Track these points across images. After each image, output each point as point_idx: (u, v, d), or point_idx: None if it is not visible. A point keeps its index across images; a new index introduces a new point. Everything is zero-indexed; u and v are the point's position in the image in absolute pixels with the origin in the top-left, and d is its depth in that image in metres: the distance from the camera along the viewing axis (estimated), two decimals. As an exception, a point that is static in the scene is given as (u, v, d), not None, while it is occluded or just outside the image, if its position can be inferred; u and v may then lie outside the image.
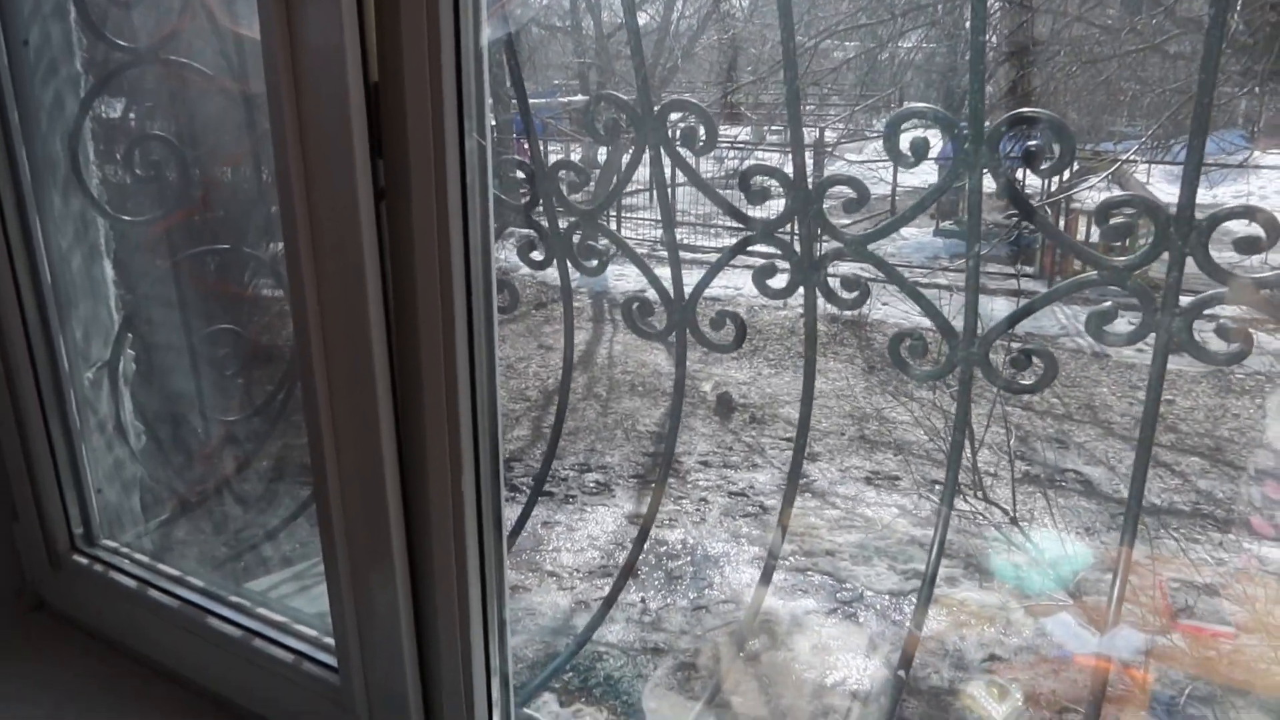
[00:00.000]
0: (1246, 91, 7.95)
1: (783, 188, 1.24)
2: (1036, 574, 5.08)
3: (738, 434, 7.71)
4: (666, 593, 5.47)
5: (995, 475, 6.37)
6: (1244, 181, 9.95)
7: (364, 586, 1.05)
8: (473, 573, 1.01)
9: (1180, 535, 5.47)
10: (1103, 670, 1.43)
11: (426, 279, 0.92)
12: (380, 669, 1.08)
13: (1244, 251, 0.99)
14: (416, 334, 0.94)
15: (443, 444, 0.96)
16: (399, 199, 0.92)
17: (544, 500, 6.60)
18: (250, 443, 1.74)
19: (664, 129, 1.25)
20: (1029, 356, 1.18)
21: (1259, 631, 4.12)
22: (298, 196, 0.93)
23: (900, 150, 1.13)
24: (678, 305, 1.40)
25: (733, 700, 4.19)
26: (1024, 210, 1.16)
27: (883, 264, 1.24)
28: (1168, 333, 1.05)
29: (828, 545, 5.93)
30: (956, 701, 4.11)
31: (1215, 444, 6.92)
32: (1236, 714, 3.73)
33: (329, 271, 0.95)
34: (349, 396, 0.98)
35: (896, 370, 8.64)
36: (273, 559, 1.60)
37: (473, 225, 0.93)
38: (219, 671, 1.29)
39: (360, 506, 1.02)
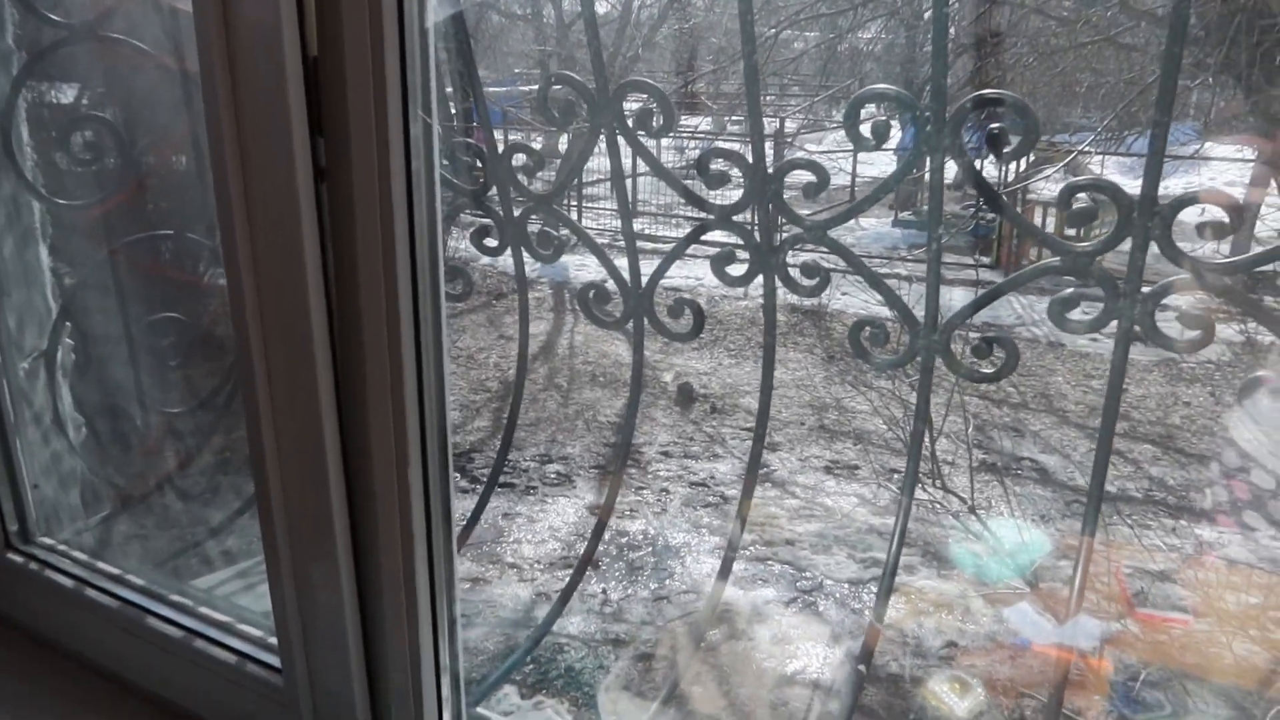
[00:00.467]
0: (1199, 84, 8.08)
1: (741, 173, 1.21)
2: (994, 562, 5.14)
3: (699, 424, 7.71)
4: (628, 584, 5.46)
5: (953, 464, 6.43)
6: (1195, 173, 10.12)
7: (307, 583, 1.01)
8: (421, 568, 0.97)
9: (1133, 521, 5.56)
10: (1064, 660, 1.42)
11: (369, 263, 0.88)
12: (325, 669, 1.04)
13: (1208, 237, 0.98)
14: (359, 320, 0.90)
15: (388, 435, 0.92)
16: (340, 179, 0.88)
17: (504, 492, 6.56)
18: (195, 436, 1.68)
19: (619, 112, 1.22)
20: (990, 345, 1.17)
21: (1211, 616, 4.19)
22: (233, 176, 0.88)
23: (861, 134, 1.11)
24: (634, 293, 1.37)
25: (690, 696, 4.18)
26: (988, 196, 1.15)
27: (843, 250, 1.22)
28: (1130, 320, 1.04)
29: (788, 534, 5.94)
30: (914, 689, 4.14)
31: (1167, 431, 7.05)
32: (1190, 698, 3.80)
33: (267, 255, 0.91)
34: (289, 386, 0.94)
35: (856, 360, 8.70)
36: (219, 556, 1.55)
37: (418, 207, 0.89)
38: (160, 673, 1.24)
39: (302, 500, 0.98)
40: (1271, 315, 1.01)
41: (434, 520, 0.98)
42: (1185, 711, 3.60)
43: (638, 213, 13.02)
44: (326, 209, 0.90)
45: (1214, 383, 7.85)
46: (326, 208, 0.90)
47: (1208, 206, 1.02)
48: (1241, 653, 3.92)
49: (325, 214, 0.90)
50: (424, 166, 0.89)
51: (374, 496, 0.95)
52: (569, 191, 12.40)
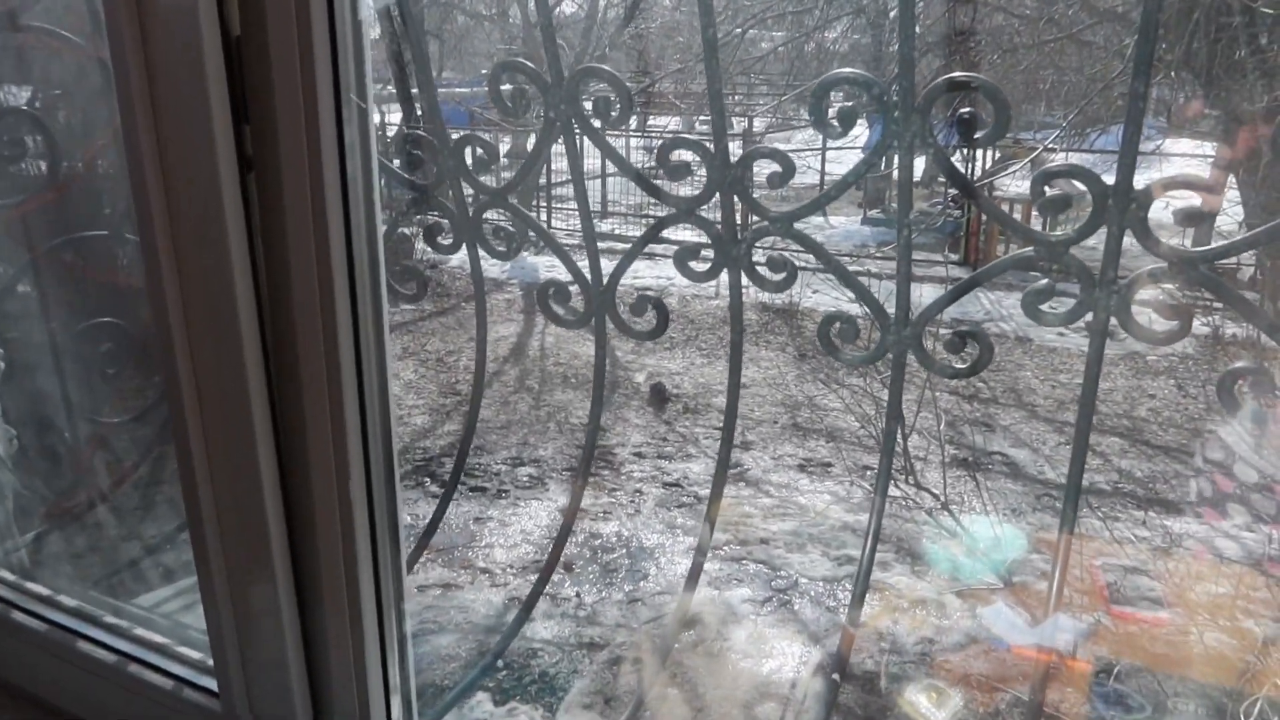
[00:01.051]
0: (1159, 80, 8.14)
1: (703, 164, 1.16)
2: (969, 560, 5.13)
3: (671, 424, 7.67)
4: (602, 586, 5.41)
5: (925, 460, 6.43)
6: (1157, 169, 10.24)
7: (245, 604, 0.94)
8: (365, 585, 0.91)
9: (1102, 514, 5.58)
10: (1042, 660, 1.39)
11: (302, 260, 0.81)
12: (266, 693, 0.97)
13: (1184, 223, 0.94)
14: (292, 323, 0.83)
15: (326, 446, 0.86)
16: (269, 170, 0.82)
17: (476, 496, 6.48)
18: (136, 448, 1.60)
19: (576, 100, 1.16)
20: (964, 339, 1.12)
21: (1180, 607, 4.20)
22: (150, 167, 0.82)
23: (828, 122, 1.06)
24: (596, 291, 1.32)
25: (658, 708, 4.13)
26: (959, 184, 1.11)
27: (810, 243, 1.17)
28: (1107, 311, 1.00)
29: (762, 533, 5.91)
30: (890, 688, 4.11)
31: (1134, 424, 7.09)
32: (1164, 693, 3.80)
33: (190, 253, 0.84)
34: (219, 395, 0.87)
35: (828, 357, 8.69)
36: (160, 573, 1.47)
37: (354, 199, 0.83)
38: (93, 700, 1.16)
39: (237, 515, 0.91)
40: (1249, 305, 0.98)
41: (379, 534, 0.92)
42: (1165, 711, 3.59)
43: (608, 213, 12.95)
44: (256, 202, 0.84)
45: (1179, 375, 7.92)
46: (256, 201, 0.84)
47: (1181, 193, 0.98)
48: (1212, 644, 3.94)
49: (254, 209, 0.84)
50: (360, 155, 0.83)
51: (313, 511, 0.89)
52: (538, 192, 12.32)
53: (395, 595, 0.97)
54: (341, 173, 0.81)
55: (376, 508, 0.90)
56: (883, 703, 4.07)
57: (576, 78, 1.15)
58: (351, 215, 0.83)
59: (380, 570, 0.93)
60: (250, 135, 0.82)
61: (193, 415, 0.88)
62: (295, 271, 0.82)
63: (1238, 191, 6.73)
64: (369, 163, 0.85)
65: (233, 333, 0.84)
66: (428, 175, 1.36)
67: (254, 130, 0.82)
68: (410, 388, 8.18)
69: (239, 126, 0.81)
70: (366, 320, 0.85)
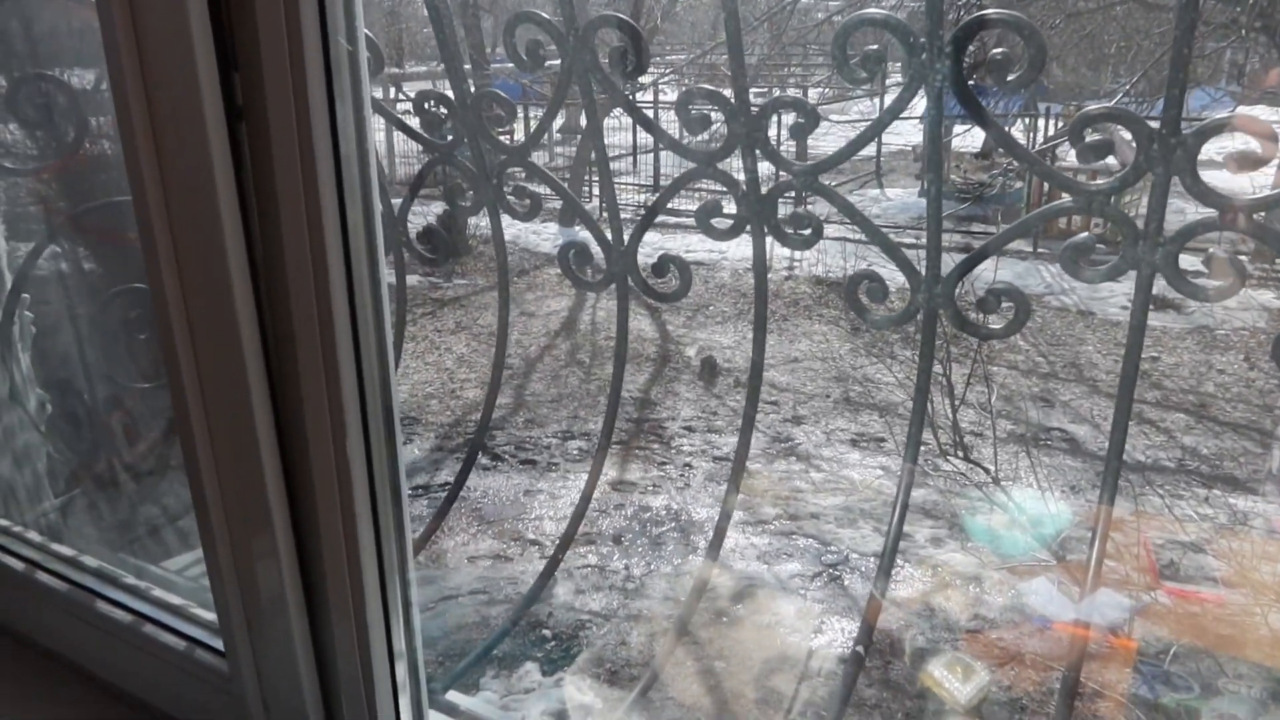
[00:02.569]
0: (1231, 43, 7.80)
1: (724, 115, 1.11)
2: (1018, 535, 5.01)
3: (722, 399, 7.62)
4: (651, 559, 5.41)
5: (979, 435, 6.30)
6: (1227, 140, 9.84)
7: (248, 568, 0.93)
8: (366, 548, 0.89)
9: (1165, 492, 5.41)
10: (1080, 637, 1.34)
11: (291, 211, 0.79)
12: (271, 656, 0.96)
13: (1240, 169, 0.87)
14: (284, 274, 0.81)
15: (322, 403, 0.83)
16: (258, 119, 0.79)
17: (526, 469, 6.52)
18: (166, 412, 1.61)
19: (589, 49, 1.12)
20: (998, 298, 1.06)
21: (1244, 587, 4.04)
22: (138, 120, 0.79)
23: (851, 66, 1.00)
24: (617, 251, 1.28)
25: (676, 681, 4.12)
26: (980, 119, 1.03)
27: (835, 196, 1.11)
28: (1151, 266, 0.93)
29: (812, 508, 5.86)
30: (921, 663, 4.05)
31: (1200, 400, 6.86)
32: (1222, 676, 3.67)
33: (181, 207, 0.82)
34: (214, 349, 0.85)
35: (881, 331, 8.55)
36: (186, 537, 1.48)
37: (346, 148, 0.80)
38: (108, 659, 1.17)
39: (236, 475, 0.89)
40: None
41: (379, 496, 0.89)
42: (1215, 692, 3.47)
43: (660, 187, 12.87)
44: (248, 154, 0.81)
45: (1249, 349, 7.63)
46: (248, 152, 0.81)
47: (1239, 135, 0.91)
48: (1277, 625, 3.79)
49: (246, 160, 0.81)
50: (351, 102, 0.80)
51: (310, 471, 0.87)
52: (590, 167, 12.27)
53: (399, 560, 0.95)
54: (330, 116, 0.78)
55: (376, 468, 0.88)
56: (917, 674, 4.02)
57: (589, 26, 1.10)
58: (343, 165, 0.80)
59: (381, 532, 0.91)
60: (240, 83, 0.79)
61: (188, 371, 0.86)
62: (286, 224, 0.80)
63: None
64: (361, 110, 0.82)
65: (224, 286, 0.82)
66: (442, 134, 1.33)
67: (244, 78, 0.79)
68: (463, 361, 8.24)
69: (227, 74, 0.79)
70: (361, 271, 0.82)
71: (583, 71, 1.13)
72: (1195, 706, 3.35)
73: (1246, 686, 3.53)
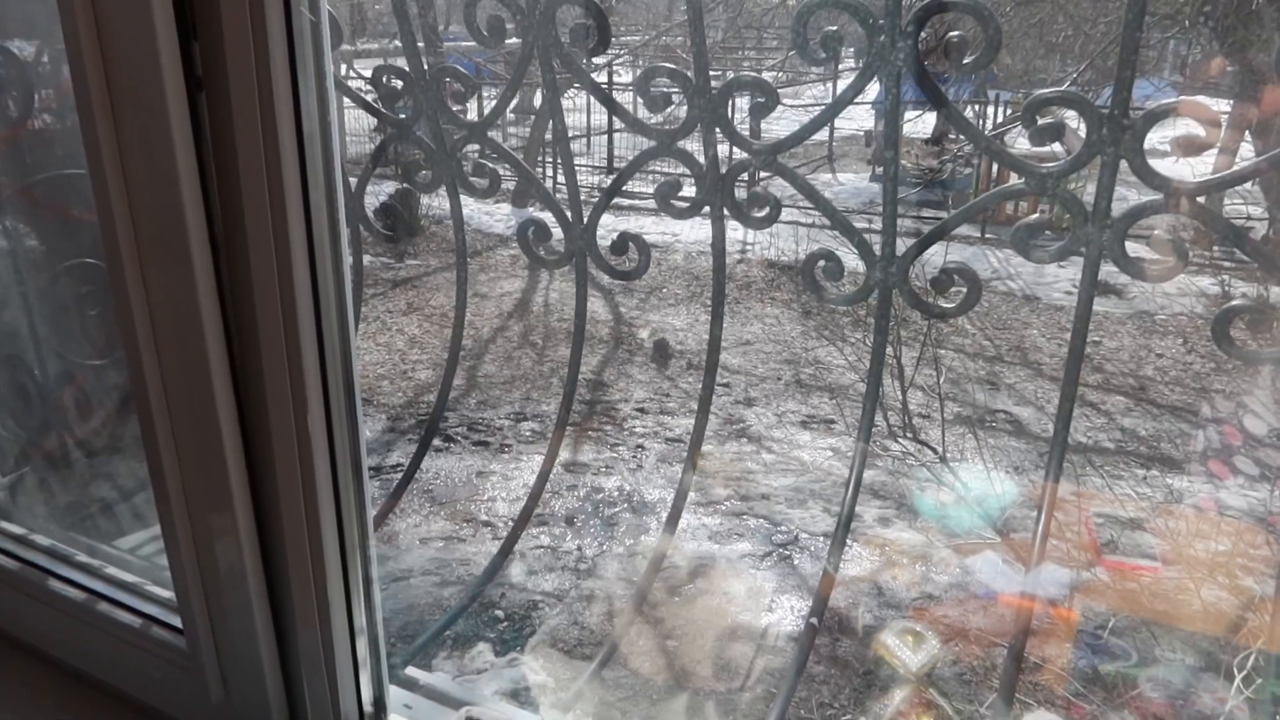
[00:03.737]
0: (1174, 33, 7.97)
1: (684, 96, 1.12)
2: (965, 512, 5.13)
3: (674, 380, 7.65)
4: (603, 540, 5.43)
5: (927, 417, 6.41)
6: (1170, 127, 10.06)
7: (207, 543, 0.92)
8: (327, 523, 0.89)
9: (1105, 473, 5.56)
10: (1027, 608, 1.38)
11: (253, 184, 0.78)
12: (230, 633, 0.96)
13: (1183, 152, 0.90)
14: (246, 246, 0.80)
15: (283, 374, 0.83)
16: (218, 90, 0.78)
17: (479, 450, 6.50)
18: (119, 389, 1.58)
19: (550, 24, 1.12)
20: (951, 277, 1.09)
21: (1178, 562, 4.19)
22: (95, 90, 0.78)
23: (811, 48, 1.02)
24: (577, 230, 1.28)
25: (632, 655, 4.16)
26: (936, 100, 1.05)
27: (794, 177, 1.13)
28: (1099, 246, 0.96)
29: (763, 489, 5.92)
30: (871, 636, 4.14)
31: (1139, 383, 7.05)
32: (1158, 646, 3.80)
33: (141, 178, 0.81)
34: (173, 324, 0.84)
35: (832, 314, 8.63)
36: (138, 515, 1.46)
37: (308, 119, 0.79)
38: (63, 638, 1.15)
39: (195, 449, 0.89)
40: (1242, 234, 0.94)
41: (340, 471, 0.89)
42: (1152, 661, 3.60)
43: (614, 169, 12.83)
44: (208, 125, 0.80)
45: (1187, 334, 7.85)
46: (208, 124, 0.80)
47: (1182, 122, 0.94)
48: (1210, 599, 3.93)
49: (206, 131, 0.80)
50: (313, 72, 0.79)
51: (271, 445, 0.86)
52: (544, 148, 12.19)
53: (360, 537, 0.95)
54: (293, 89, 0.77)
55: (337, 443, 0.88)
56: (867, 650, 4.10)
57: (553, 2, 1.10)
58: (305, 136, 0.79)
59: (342, 508, 0.91)
60: (200, 53, 0.78)
61: (147, 349, 0.85)
62: (248, 198, 0.79)
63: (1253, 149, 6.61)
64: (324, 83, 0.81)
65: (184, 259, 0.81)
66: (401, 110, 1.32)
67: (203, 48, 0.78)
68: (414, 343, 8.17)
69: (187, 43, 0.78)
70: (323, 244, 0.82)
71: (545, 49, 1.13)
72: (1132, 674, 3.47)
73: (1180, 655, 3.68)
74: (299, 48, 0.77)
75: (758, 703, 3.90)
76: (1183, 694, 3.49)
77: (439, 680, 1.14)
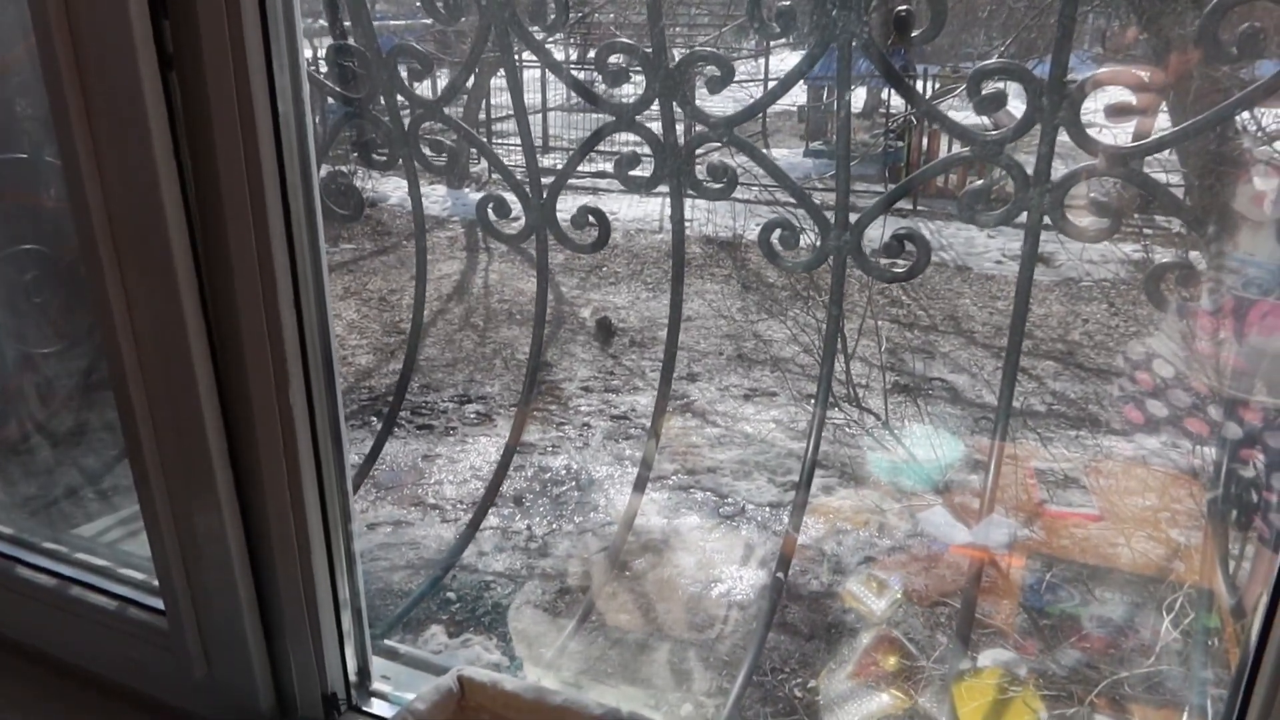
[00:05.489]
0: (1093, 7, 8.19)
1: (641, 70, 1.15)
2: (909, 471, 5.28)
3: (618, 358, 7.69)
4: (552, 519, 5.46)
5: (868, 387, 6.55)
6: (1091, 99, 10.34)
7: (187, 518, 0.93)
8: (310, 497, 0.91)
9: (1038, 435, 5.76)
10: (977, 559, 1.46)
11: (229, 160, 0.79)
12: (212, 608, 0.97)
13: (1115, 118, 0.95)
14: (223, 226, 0.81)
15: (264, 351, 0.84)
16: (191, 68, 0.79)
17: (423, 434, 6.46)
18: (70, 377, 1.56)
19: (511, 3, 1.13)
20: (901, 242, 1.14)
21: (1113, 516, 4.39)
22: (66, 70, 0.78)
23: (766, 22, 1.05)
24: (536, 204, 1.30)
25: (608, 616, 4.23)
26: (891, 78, 1.09)
27: (751, 149, 1.16)
28: (1040, 210, 1.02)
29: (709, 463, 6.00)
30: (836, 602, 4.25)
31: (1068, 348, 7.29)
32: (1098, 590, 3.99)
33: (113, 160, 0.81)
34: (150, 304, 0.85)
35: (772, 289, 8.74)
36: (103, 501, 1.45)
37: (283, 98, 0.80)
38: (36, 625, 1.15)
39: (175, 429, 0.89)
40: (1175, 198, 1.00)
41: (321, 446, 0.91)
42: (1092, 600, 3.79)
43: (549, 148, 12.77)
44: (180, 103, 0.81)
45: (1111, 300, 8.12)
46: (180, 102, 0.81)
47: (1113, 89, 1.00)
48: (1141, 545, 4.13)
49: (178, 109, 0.81)
50: (286, 51, 0.80)
51: (253, 421, 0.87)
52: (479, 128, 12.06)
53: (342, 510, 0.97)
54: (267, 67, 0.78)
55: (318, 418, 0.90)
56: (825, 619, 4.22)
57: (510, -20, 1.12)
58: (280, 114, 0.80)
59: (325, 482, 0.92)
60: (170, 31, 0.79)
61: (124, 331, 0.86)
62: (223, 170, 0.80)
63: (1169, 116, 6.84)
64: (296, 58, 0.82)
65: (160, 239, 0.82)
66: (360, 89, 1.32)
67: (174, 25, 0.78)
68: (353, 328, 8.07)
69: (158, 21, 0.78)
70: (300, 220, 0.83)
71: (502, 25, 1.15)
72: (1076, 613, 3.65)
73: (1119, 593, 3.88)
74: (272, 24, 0.78)
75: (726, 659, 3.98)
76: (1121, 629, 3.69)
77: (417, 650, 1.16)
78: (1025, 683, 2.77)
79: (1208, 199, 4.14)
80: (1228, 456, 2.40)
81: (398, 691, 1.05)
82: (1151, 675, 3.28)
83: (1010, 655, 3.03)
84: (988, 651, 3.32)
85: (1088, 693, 3.11)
